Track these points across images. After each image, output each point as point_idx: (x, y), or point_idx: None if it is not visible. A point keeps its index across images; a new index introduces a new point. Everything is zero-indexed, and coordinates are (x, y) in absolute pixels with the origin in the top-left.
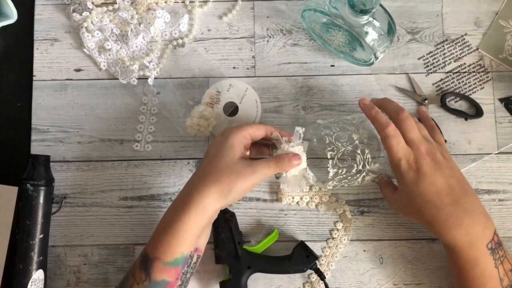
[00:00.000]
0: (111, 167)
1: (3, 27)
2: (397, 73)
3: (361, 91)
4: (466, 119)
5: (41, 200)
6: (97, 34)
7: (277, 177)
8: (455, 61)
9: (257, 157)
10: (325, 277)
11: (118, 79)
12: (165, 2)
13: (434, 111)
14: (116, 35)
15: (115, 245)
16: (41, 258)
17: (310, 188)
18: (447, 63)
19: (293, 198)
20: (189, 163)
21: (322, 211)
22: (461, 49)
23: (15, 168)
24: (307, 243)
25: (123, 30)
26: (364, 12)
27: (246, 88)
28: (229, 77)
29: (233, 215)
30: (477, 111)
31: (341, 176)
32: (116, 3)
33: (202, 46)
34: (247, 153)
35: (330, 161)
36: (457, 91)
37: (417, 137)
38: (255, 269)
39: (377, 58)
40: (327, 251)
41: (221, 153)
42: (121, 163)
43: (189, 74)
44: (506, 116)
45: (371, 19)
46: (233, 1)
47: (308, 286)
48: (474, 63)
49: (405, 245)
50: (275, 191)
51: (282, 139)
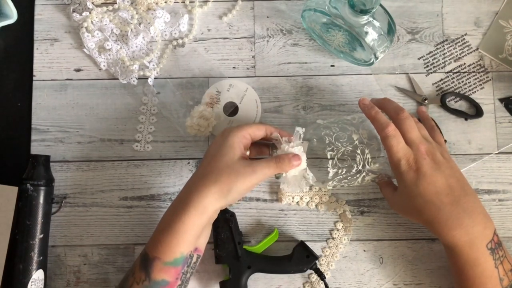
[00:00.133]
0: (111, 167)
1: (3, 27)
2: (397, 73)
3: (361, 91)
4: (466, 119)
5: (41, 200)
6: (97, 34)
7: (277, 177)
8: (455, 61)
9: (257, 157)
10: (325, 277)
11: (118, 79)
12: (165, 2)
13: (434, 111)
14: (116, 35)
15: (115, 245)
16: (41, 258)
17: (310, 188)
18: (447, 63)
19: (293, 198)
20: (189, 163)
21: (322, 211)
22: (461, 49)
23: (15, 168)
24: (307, 243)
25: (123, 30)
26: (364, 12)
27: (246, 88)
28: (229, 77)
29: (233, 215)
30: (477, 111)
31: (341, 176)
32: (116, 3)
33: (202, 46)
34: (247, 153)
35: (330, 161)
36: (457, 91)
37: (417, 137)
38: (255, 269)
39: (377, 58)
40: (327, 251)
41: (221, 153)
42: (121, 163)
43: (189, 74)
44: (506, 116)
45: (371, 19)
46: (233, 1)
47: (308, 286)
48: (474, 63)
49: (405, 245)
50: (275, 191)
51: (282, 139)
